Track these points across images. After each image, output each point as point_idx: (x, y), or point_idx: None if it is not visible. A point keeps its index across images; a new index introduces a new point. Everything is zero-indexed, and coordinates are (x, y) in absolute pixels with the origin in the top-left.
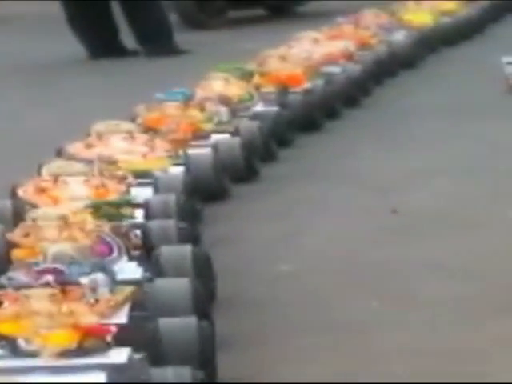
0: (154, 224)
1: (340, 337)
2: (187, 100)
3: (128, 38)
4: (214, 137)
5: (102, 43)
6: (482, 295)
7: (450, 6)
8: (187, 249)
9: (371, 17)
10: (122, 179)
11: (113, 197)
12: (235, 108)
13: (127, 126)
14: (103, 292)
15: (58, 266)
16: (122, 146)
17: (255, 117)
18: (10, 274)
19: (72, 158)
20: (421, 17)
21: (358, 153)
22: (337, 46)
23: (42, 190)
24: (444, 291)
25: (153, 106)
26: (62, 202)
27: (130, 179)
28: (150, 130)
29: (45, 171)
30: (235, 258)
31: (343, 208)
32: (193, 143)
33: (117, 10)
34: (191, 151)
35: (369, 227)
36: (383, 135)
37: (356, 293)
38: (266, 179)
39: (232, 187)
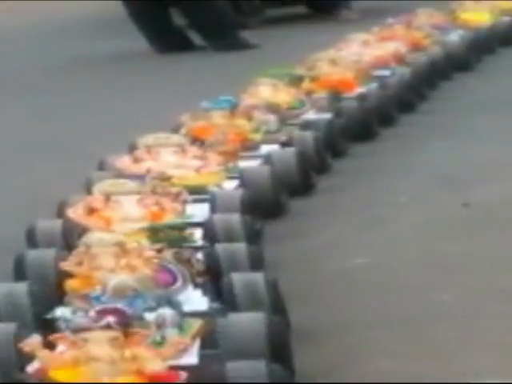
0: (221, 247)
1: (412, 329)
2: (234, 108)
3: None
4: (264, 147)
5: (168, 37)
6: None
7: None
8: (261, 276)
9: (424, 17)
10: (177, 196)
11: (170, 217)
12: (284, 116)
13: (177, 138)
14: (171, 333)
15: (119, 306)
16: (174, 160)
17: (307, 125)
18: (65, 313)
19: (120, 173)
20: (479, 16)
21: (420, 158)
22: (388, 48)
23: (92, 211)
24: None
25: (198, 115)
26: (115, 224)
27: (185, 195)
28: (197, 140)
29: (96, 190)
30: (302, 283)
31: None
32: (243, 154)
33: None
34: (244, 164)
35: (441, 221)
36: (447, 134)
37: (430, 286)
38: (321, 192)
39: (288, 202)
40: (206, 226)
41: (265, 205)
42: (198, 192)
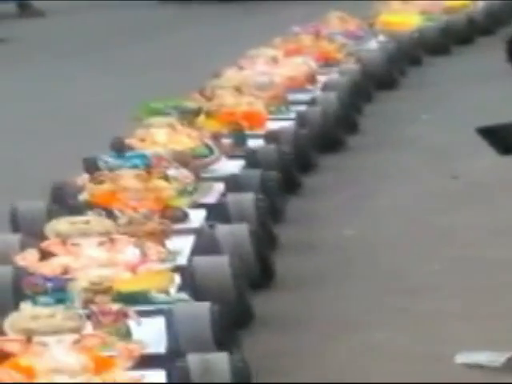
0: None
1: (403, 299)
2: (149, 166)
3: None
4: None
5: None
6: None
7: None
8: None
9: (336, 22)
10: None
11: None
12: (195, 168)
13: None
14: None
15: None
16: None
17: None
18: None
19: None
20: (405, 19)
21: None
22: (298, 66)
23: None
24: (508, 255)
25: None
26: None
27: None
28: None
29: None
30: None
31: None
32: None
33: None
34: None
35: (431, 192)
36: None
37: (419, 256)
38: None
39: None
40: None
41: None
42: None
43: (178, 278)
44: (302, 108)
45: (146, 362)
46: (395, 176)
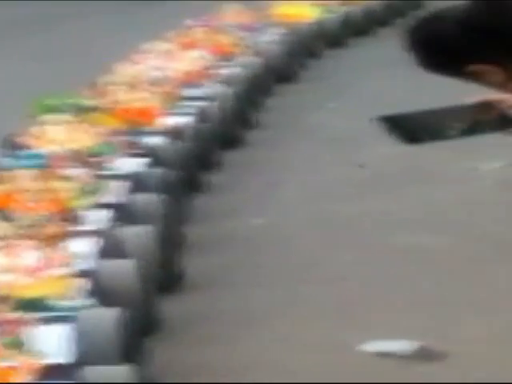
0: None
1: (314, 288)
2: (46, 166)
3: None
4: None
5: None
6: (448, 244)
7: None
8: None
9: (232, 16)
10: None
11: None
12: (93, 166)
13: None
14: None
15: None
16: None
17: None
18: None
19: None
20: (301, 11)
21: None
22: (193, 61)
23: None
24: (416, 243)
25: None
26: None
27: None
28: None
29: None
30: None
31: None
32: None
33: None
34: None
35: (337, 181)
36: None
37: (329, 245)
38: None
39: None
40: None
41: None
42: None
43: (82, 283)
44: (200, 103)
45: (47, 372)
46: (300, 167)
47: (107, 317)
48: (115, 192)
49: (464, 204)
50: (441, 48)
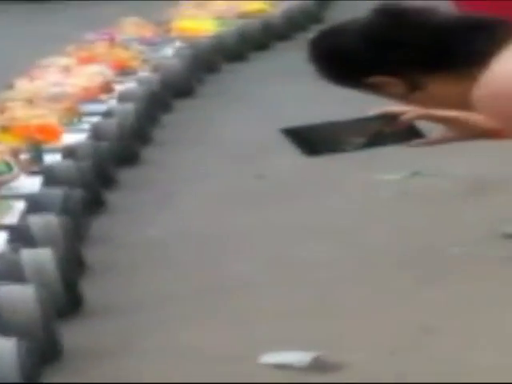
0: None
1: (212, 298)
2: None
3: None
4: None
5: None
6: (340, 254)
7: (256, 5)
8: None
9: (132, 28)
10: None
11: None
12: None
13: None
14: None
15: None
16: None
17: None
18: None
19: None
20: (199, 24)
21: None
22: (92, 76)
23: None
24: (314, 253)
25: None
26: None
27: None
28: None
29: None
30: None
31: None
32: None
33: None
34: None
35: (235, 192)
36: None
37: (227, 256)
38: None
39: None
40: None
41: None
42: None
43: None
44: (97, 120)
45: None
46: (198, 180)
47: (7, 348)
48: (12, 213)
49: (360, 215)
50: (342, 60)
